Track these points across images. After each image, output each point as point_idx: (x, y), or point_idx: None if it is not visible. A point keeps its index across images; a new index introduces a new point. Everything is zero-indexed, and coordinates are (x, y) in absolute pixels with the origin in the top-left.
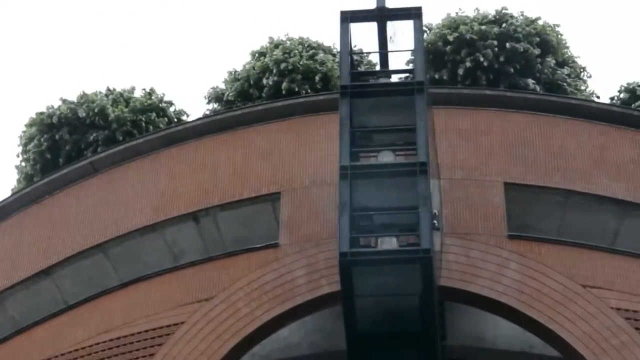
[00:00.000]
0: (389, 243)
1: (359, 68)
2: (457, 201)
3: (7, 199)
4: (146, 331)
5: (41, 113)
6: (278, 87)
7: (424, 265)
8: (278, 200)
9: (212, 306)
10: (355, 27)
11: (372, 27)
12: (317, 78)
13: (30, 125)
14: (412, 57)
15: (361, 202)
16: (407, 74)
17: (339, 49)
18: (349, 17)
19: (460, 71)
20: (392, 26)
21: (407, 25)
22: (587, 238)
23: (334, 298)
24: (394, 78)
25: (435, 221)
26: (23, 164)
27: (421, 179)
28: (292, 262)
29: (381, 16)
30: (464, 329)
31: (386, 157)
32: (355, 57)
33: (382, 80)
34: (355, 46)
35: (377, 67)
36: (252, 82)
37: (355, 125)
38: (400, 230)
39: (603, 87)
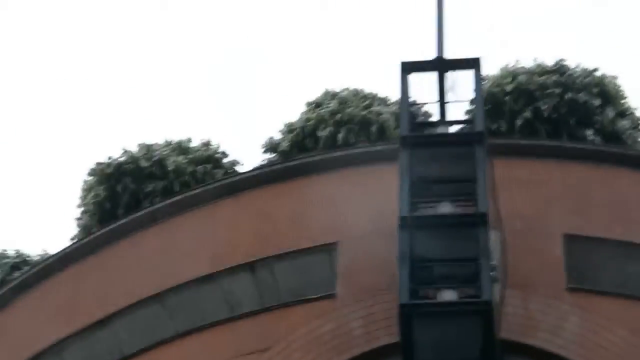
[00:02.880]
0: (449, 294)
1: (416, 119)
2: (515, 253)
3: (66, 248)
4: None
5: (100, 163)
6: (334, 137)
7: (484, 317)
8: (335, 250)
9: (268, 357)
10: (412, 78)
11: (429, 77)
12: (373, 129)
13: (90, 175)
14: (471, 108)
15: (420, 253)
16: (465, 124)
17: (393, 100)
18: (409, 68)
19: (519, 122)
20: (450, 77)
21: (466, 75)
22: None
23: (391, 350)
24: (453, 129)
25: (493, 273)
26: (81, 214)
27: (481, 230)
28: (349, 312)
29: (441, 67)
30: None
31: (445, 208)
32: (412, 108)
33: (441, 131)
34: (411, 97)
35: (433, 118)
36: (307, 132)
37: (414, 176)
38: (460, 281)
39: None
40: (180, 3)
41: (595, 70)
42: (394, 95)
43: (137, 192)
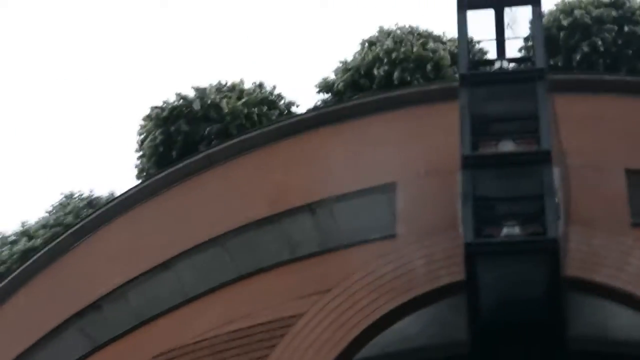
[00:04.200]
0: (513, 232)
1: (475, 57)
2: (576, 189)
3: (125, 192)
4: (268, 322)
5: (156, 107)
6: (389, 76)
7: (550, 254)
8: (394, 191)
9: (331, 297)
10: (470, 15)
11: (487, 14)
12: (428, 67)
13: (146, 119)
14: (527, 45)
15: (483, 192)
16: (524, 62)
17: (449, 38)
18: (465, 4)
19: (577, 56)
20: (509, 13)
21: (524, 11)
22: None
23: (453, 289)
24: (512, 66)
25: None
26: (139, 158)
27: (545, 168)
28: (410, 252)
29: (499, 2)
30: (584, 319)
31: (506, 146)
32: (470, 46)
33: (501, 68)
34: (469, 35)
35: (492, 56)
36: (362, 72)
37: (474, 114)
38: (524, 219)
39: None
40: None
41: None
42: (450, 32)
43: (192, 134)
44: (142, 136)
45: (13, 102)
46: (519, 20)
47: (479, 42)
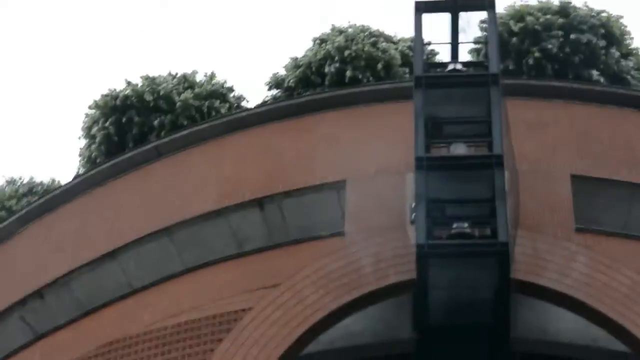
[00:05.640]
0: (464, 235)
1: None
2: (523, 193)
3: (72, 181)
4: (214, 316)
5: (105, 95)
6: (340, 74)
7: (500, 258)
8: (343, 189)
9: (279, 293)
10: (426, 18)
11: (444, 19)
12: (379, 66)
13: (94, 107)
14: (479, 48)
15: (435, 193)
16: (477, 66)
17: (400, 38)
18: (422, 8)
19: (530, 61)
20: (464, 18)
21: (478, 16)
22: None
23: (400, 288)
24: (466, 69)
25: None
26: (86, 147)
27: (497, 172)
28: (358, 250)
29: (455, 7)
30: (528, 322)
31: (458, 149)
32: (426, 49)
33: (455, 72)
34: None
35: (446, 59)
36: (313, 68)
37: (427, 116)
38: (474, 222)
39: None
40: None
41: (601, 11)
42: (401, 33)
43: (143, 125)
44: (89, 124)
45: None
46: (472, 24)
47: (428, 43)
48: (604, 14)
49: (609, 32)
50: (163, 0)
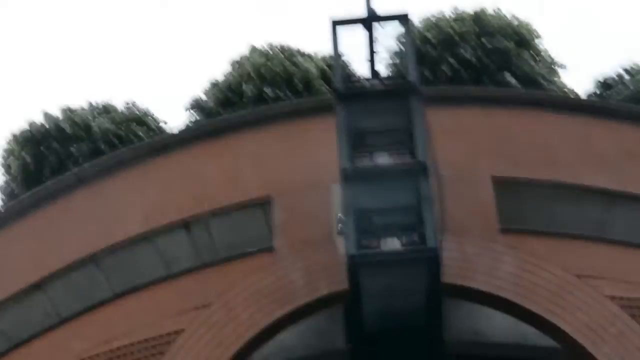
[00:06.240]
0: (392, 243)
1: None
2: (447, 198)
3: None
4: (147, 340)
5: (24, 130)
6: (259, 92)
7: (430, 264)
8: (269, 205)
9: (211, 312)
10: (342, 33)
11: (359, 34)
12: (297, 82)
13: (12, 141)
14: (396, 60)
15: (362, 204)
16: (396, 77)
17: (318, 55)
18: (339, 23)
19: (447, 69)
20: (379, 32)
21: (394, 29)
22: (576, 229)
23: (332, 299)
24: (385, 81)
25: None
26: (7, 181)
27: (422, 179)
28: (288, 265)
29: (369, 18)
30: (459, 324)
31: (381, 159)
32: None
33: (374, 84)
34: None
35: (364, 72)
36: (232, 88)
37: (350, 128)
38: (402, 230)
39: (575, 80)
40: None
41: (512, 17)
42: (318, 49)
43: (62, 155)
44: (7, 159)
45: None
46: (391, 38)
47: (342, 55)
48: (514, 21)
49: (519, 34)
50: (81, 31)
